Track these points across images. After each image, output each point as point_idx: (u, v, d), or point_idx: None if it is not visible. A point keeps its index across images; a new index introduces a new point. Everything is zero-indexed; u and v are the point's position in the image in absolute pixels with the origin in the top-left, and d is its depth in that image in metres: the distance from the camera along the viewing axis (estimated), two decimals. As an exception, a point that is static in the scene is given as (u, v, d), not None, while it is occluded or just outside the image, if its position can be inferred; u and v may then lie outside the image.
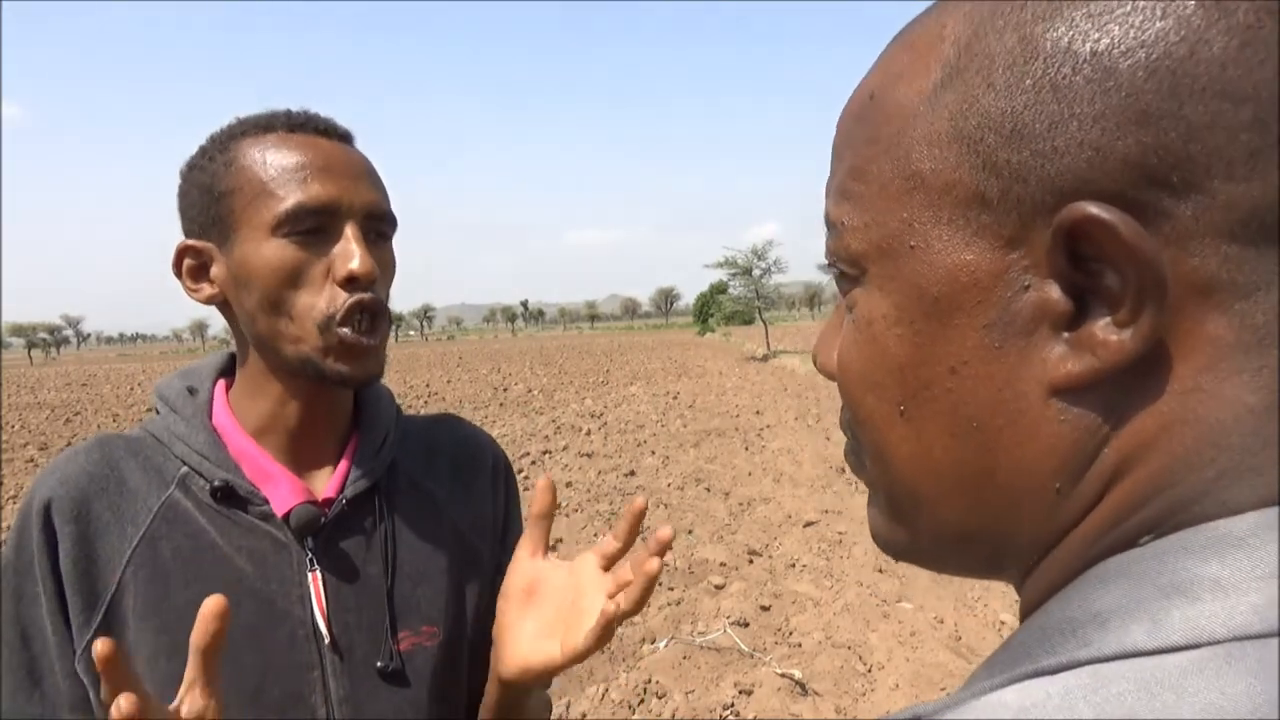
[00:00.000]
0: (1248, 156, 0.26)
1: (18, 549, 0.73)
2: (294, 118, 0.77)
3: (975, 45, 0.30)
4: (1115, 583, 0.27)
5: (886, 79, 0.34)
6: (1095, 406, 0.29)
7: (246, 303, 0.75)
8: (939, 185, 0.31)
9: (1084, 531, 0.30)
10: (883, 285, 0.33)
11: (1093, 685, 0.25)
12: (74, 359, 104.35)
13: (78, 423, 14.93)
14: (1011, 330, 0.29)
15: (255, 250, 0.73)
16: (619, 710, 3.24)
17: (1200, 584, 0.25)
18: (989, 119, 0.29)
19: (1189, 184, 0.26)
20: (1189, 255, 0.27)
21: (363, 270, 0.73)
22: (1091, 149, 0.27)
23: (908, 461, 0.34)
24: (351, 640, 0.77)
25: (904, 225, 0.32)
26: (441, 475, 0.90)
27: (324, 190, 0.73)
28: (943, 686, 3.30)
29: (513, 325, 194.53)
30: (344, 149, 0.78)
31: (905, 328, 0.32)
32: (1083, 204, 0.27)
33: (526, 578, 0.73)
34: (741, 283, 29.65)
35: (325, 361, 0.75)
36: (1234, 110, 0.26)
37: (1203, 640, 0.24)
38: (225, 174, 0.75)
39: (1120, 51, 0.27)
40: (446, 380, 21.54)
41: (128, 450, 0.78)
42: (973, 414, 0.31)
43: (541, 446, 9.24)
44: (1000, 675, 0.27)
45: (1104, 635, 0.26)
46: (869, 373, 0.34)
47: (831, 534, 5.41)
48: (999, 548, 0.33)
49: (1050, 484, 0.30)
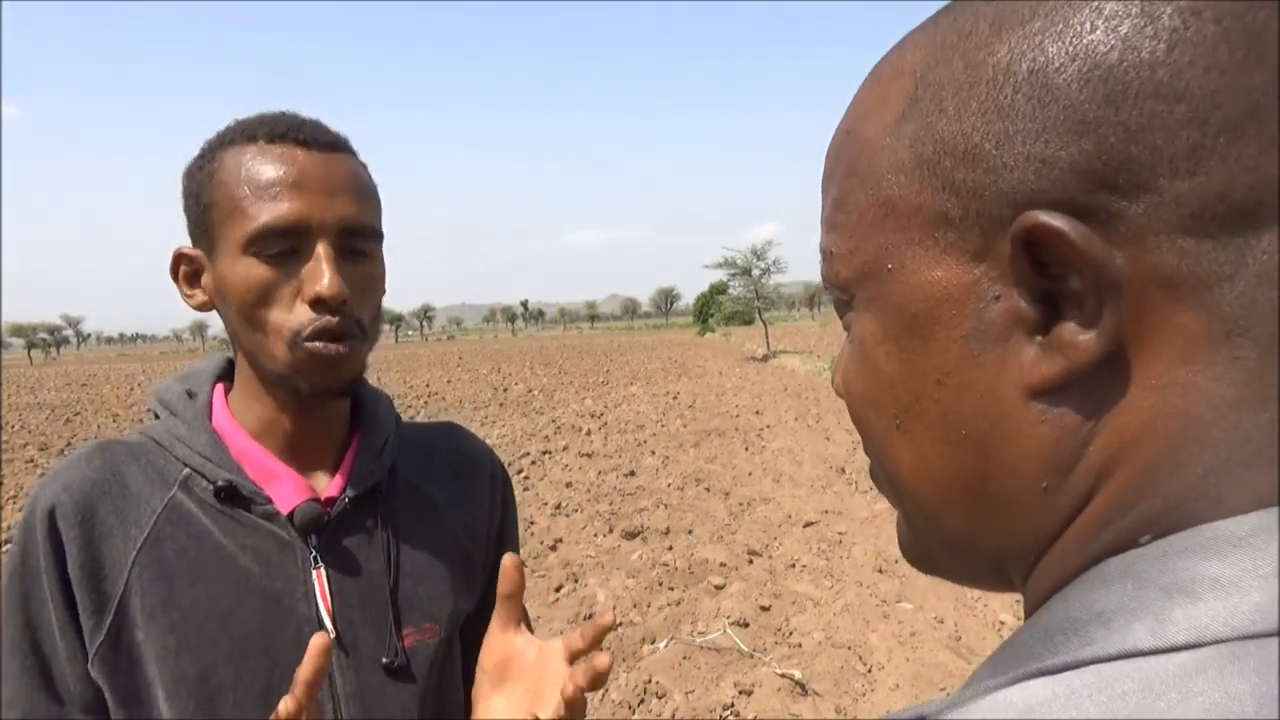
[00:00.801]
0: (1189, 152, 0.27)
1: (23, 555, 0.73)
2: (277, 126, 0.75)
3: (929, 75, 0.32)
4: (1118, 582, 0.28)
5: (858, 115, 0.36)
6: (1074, 406, 0.30)
7: (227, 316, 0.77)
8: (907, 210, 0.33)
9: (1079, 530, 0.31)
10: (869, 306, 0.35)
11: (1097, 685, 0.25)
12: (74, 359, 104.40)
13: (78, 423, 14.93)
14: (988, 339, 0.31)
15: (230, 267, 0.74)
16: (619, 710, 3.25)
17: (1202, 583, 0.25)
18: (944, 143, 0.31)
19: (1136, 184, 0.27)
20: (1147, 252, 0.28)
21: (330, 292, 0.72)
22: (1038, 161, 0.28)
23: (910, 474, 0.36)
24: (356, 637, 0.78)
25: (881, 250, 0.34)
26: (440, 480, 0.91)
27: (292, 209, 0.72)
28: (943, 686, 3.30)
29: (513, 325, 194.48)
30: (323, 160, 0.75)
31: (892, 344, 0.34)
32: (1032, 213, 0.28)
33: (499, 654, 0.73)
34: (741, 283, 29.65)
35: (296, 377, 0.75)
36: (1169, 109, 0.27)
37: (1206, 640, 0.24)
38: (209, 185, 0.75)
39: (1055, 68, 0.28)
40: (446, 380, 21.54)
41: (128, 455, 0.78)
42: (961, 422, 0.32)
43: (541, 446, 9.25)
44: (1004, 674, 0.28)
45: (1107, 635, 0.26)
46: (866, 391, 0.37)
47: (831, 534, 5.41)
48: (1001, 554, 0.34)
49: (1038, 484, 0.31)
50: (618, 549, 5.31)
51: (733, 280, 30.03)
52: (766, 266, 28.66)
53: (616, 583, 4.66)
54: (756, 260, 28.61)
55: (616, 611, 4.22)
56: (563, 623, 4.08)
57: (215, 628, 0.73)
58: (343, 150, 0.79)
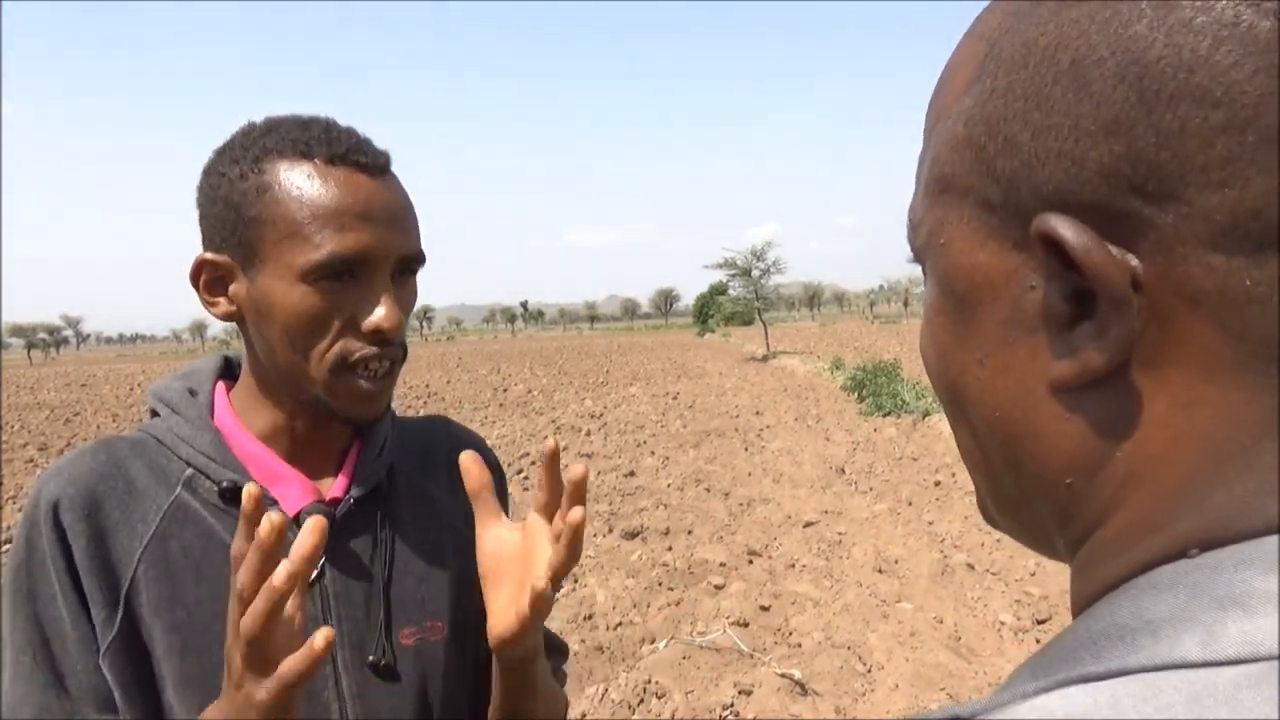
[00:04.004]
0: (1222, 163, 0.25)
1: (28, 550, 0.72)
2: (334, 146, 0.73)
3: (998, 45, 0.31)
4: (1169, 591, 0.26)
5: (945, 73, 0.35)
6: (1095, 410, 0.29)
7: (266, 332, 0.75)
8: (960, 189, 0.32)
9: (1112, 535, 0.30)
10: (931, 276, 0.36)
11: (1141, 694, 0.24)
12: (73, 359, 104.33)
13: (77, 423, 14.92)
14: (1022, 328, 0.31)
15: (283, 291, 0.72)
16: (619, 710, 3.25)
17: (1259, 597, 0.24)
18: (990, 126, 0.30)
19: (1165, 193, 0.26)
20: (1174, 265, 0.26)
21: (390, 325, 0.73)
22: (1069, 159, 0.27)
23: (961, 440, 0.37)
24: (361, 637, 0.78)
25: (938, 223, 0.34)
26: (438, 476, 0.91)
27: (359, 240, 0.72)
28: (942, 687, 3.30)
29: (512, 326, 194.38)
30: (384, 188, 0.75)
31: (945, 318, 0.35)
32: (1046, 216, 0.28)
33: (488, 552, 0.73)
34: (741, 283, 29.62)
35: (334, 402, 0.75)
36: (1204, 115, 0.25)
37: (1259, 655, 0.23)
38: (257, 200, 0.72)
39: (1095, 59, 0.27)
40: (446, 381, 21.54)
41: (132, 451, 0.78)
42: (996, 404, 0.33)
43: (541, 447, 9.22)
44: (1044, 679, 0.26)
45: (1155, 644, 0.25)
46: (930, 356, 0.37)
47: (831, 534, 5.41)
48: (1044, 530, 0.35)
49: (1062, 478, 0.31)
50: (617, 549, 5.31)
51: (732, 281, 30.00)
52: (766, 267, 28.64)
53: (616, 583, 4.66)
54: (756, 261, 28.59)
55: (611, 610, 4.22)
56: (563, 622, 4.08)
57: (220, 627, 0.73)
58: (390, 169, 0.78)
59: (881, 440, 8.83)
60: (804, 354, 25.07)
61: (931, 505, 5.99)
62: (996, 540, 5.03)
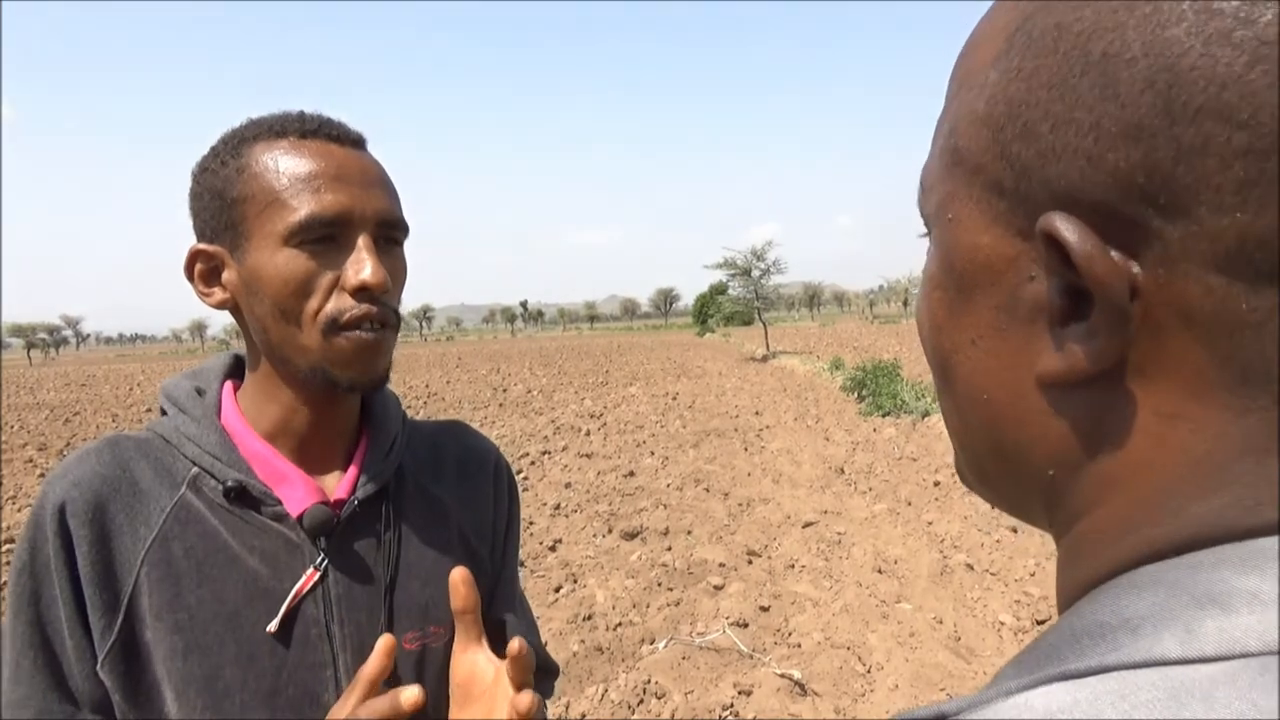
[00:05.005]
0: (1238, 187, 0.24)
1: (33, 552, 0.72)
2: (306, 123, 0.77)
3: (1030, 21, 0.30)
4: (1149, 590, 0.27)
5: (973, 39, 0.34)
6: (1081, 409, 0.30)
7: (257, 310, 0.76)
8: (972, 166, 0.32)
9: (1093, 532, 0.30)
10: (935, 247, 0.35)
11: (1120, 691, 0.24)
12: (73, 359, 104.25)
13: (77, 423, 14.92)
14: (1016, 316, 0.31)
15: (268, 259, 0.74)
16: (618, 710, 3.25)
17: (1237, 596, 0.25)
18: (1011, 108, 0.30)
19: (1177, 208, 0.25)
20: (1175, 279, 0.26)
21: (375, 280, 0.73)
22: (1085, 157, 0.27)
23: (947, 411, 0.37)
24: (363, 640, 0.78)
25: (947, 196, 0.34)
26: (448, 480, 0.91)
27: (337, 200, 0.73)
28: (942, 687, 3.30)
29: (512, 326, 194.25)
30: (357, 155, 0.78)
31: (943, 292, 0.35)
32: (1053, 215, 0.27)
33: (462, 672, 0.77)
34: (741, 283, 29.61)
35: (333, 368, 0.75)
36: (1227, 135, 0.24)
37: (1236, 652, 0.24)
38: (237, 180, 0.75)
39: (1127, 58, 0.26)
40: (446, 381, 21.53)
41: (137, 451, 0.78)
42: (984, 386, 0.33)
43: (541, 447, 9.24)
44: (1027, 676, 0.27)
45: (1135, 641, 0.25)
46: (924, 327, 0.37)
47: (830, 534, 5.41)
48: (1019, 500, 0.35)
49: (1044, 469, 0.31)
50: (617, 549, 5.31)
51: (732, 281, 29.99)
52: (766, 267, 28.63)
53: (616, 583, 4.66)
54: (756, 261, 28.58)
55: (610, 610, 4.22)
56: (562, 623, 4.08)
57: (222, 628, 0.73)
58: (365, 147, 0.81)
59: (881, 440, 8.84)
60: (804, 354, 25.08)
61: (931, 505, 5.99)
62: (996, 541, 5.04)
